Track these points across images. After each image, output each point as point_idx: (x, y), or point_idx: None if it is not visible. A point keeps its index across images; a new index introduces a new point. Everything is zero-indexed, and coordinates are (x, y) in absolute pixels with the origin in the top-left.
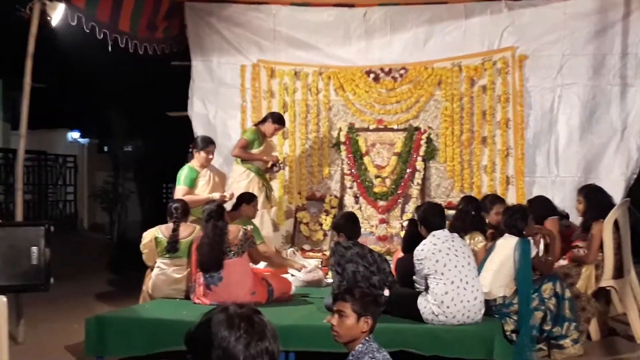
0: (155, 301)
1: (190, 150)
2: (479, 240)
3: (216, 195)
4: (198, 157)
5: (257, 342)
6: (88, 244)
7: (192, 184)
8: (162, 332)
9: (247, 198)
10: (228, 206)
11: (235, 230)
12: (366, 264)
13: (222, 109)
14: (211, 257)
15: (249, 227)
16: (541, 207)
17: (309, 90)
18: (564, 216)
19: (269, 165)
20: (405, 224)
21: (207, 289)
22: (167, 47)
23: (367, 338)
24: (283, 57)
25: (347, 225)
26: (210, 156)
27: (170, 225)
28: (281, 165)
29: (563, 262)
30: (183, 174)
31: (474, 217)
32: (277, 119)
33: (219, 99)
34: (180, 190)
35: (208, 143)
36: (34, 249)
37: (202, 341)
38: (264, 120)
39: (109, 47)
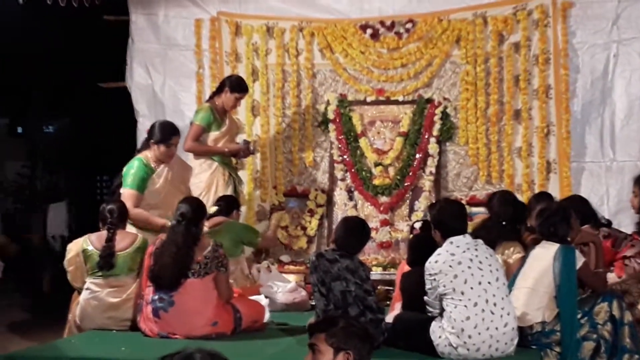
0: (85, 334)
1: (147, 139)
2: (515, 251)
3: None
4: (155, 151)
5: None
6: None
7: (143, 187)
8: None
9: (236, 202)
10: None
11: (203, 244)
12: (358, 280)
13: (171, 78)
14: (172, 271)
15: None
16: (575, 211)
17: (286, 52)
18: (604, 224)
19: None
20: (415, 226)
21: (156, 315)
22: None
23: None
24: (251, 7)
25: (349, 238)
26: (173, 150)
27: (104, 233)
28: (251, 148)
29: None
30: (131, 172)
31: (506, 226)
32: (236, 85)
33: (168, 65)
34: (128, 196)
35: (171, 133)
36: None
37: None
38: (219, 90)
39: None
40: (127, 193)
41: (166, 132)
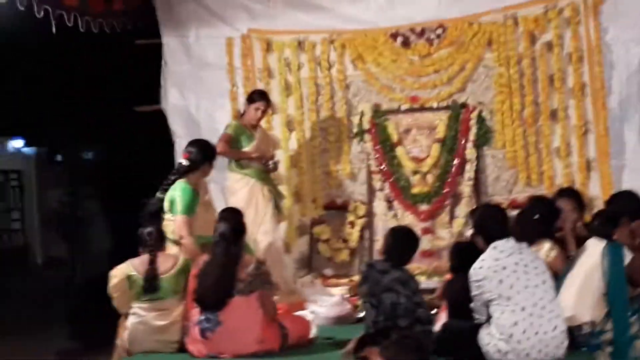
0: (135, 357)
1: (188, 161)
2: (548, 249)
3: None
4: (206, 170)
5: None
6: (43, 284)
7: (194, 212)
8: None
9: (211, 149)
10: None
11: (245, 261)
12: (409, 292)
13: (206, 98)
14: (216, 292)
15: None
16: (626, 206)
17: (318, 65)
18: None
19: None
20: (455, 232)
21: (203, 336)
22: (129, 22)
23: None
24: (281, 23)
25: (399, 248)
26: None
27: (145, 257)
28: (270, 164)
29: None
30: (181, 199)
31: (539, 222)
32: (251, 95)
33: (201, 85)
34: (183, 224)
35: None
36: None
37: None
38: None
39: (53, 28)
40: (181, 220)
41: (214, 150)
